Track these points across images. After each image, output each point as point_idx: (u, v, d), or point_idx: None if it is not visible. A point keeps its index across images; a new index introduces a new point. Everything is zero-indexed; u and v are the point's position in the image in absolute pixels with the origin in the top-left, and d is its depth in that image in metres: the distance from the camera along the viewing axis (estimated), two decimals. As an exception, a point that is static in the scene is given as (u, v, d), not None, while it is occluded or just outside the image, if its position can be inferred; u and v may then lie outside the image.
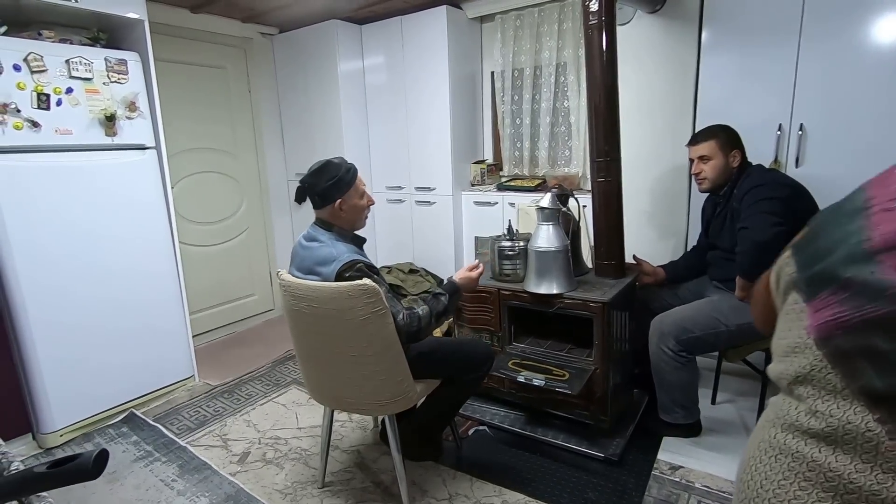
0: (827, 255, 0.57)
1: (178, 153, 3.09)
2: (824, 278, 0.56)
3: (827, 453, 0.54)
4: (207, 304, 3.34)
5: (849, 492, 0.52)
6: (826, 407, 0.55)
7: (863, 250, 0.53)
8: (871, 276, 0.51)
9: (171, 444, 2.14)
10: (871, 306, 0.50)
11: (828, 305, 0.55)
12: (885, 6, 1.88)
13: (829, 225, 0.60)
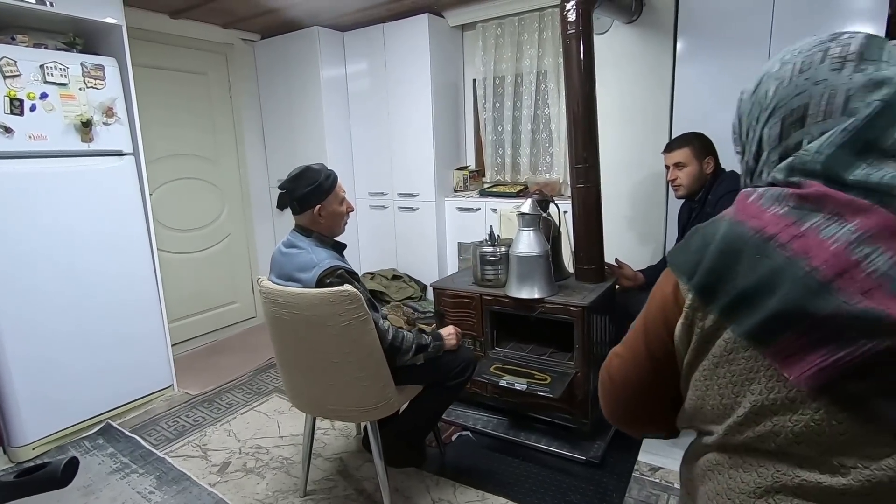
0: (763, 295, 0.51)
1: (158, 159, 3.05)
2: (783, 320, 0.49)
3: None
4: (187, 312, 3.29)
5: None
6: (852, 461, 0.47)
7: (815, 281, 0.48)
8: (848, 307, 0.46)
9: (148, 455, 2.10)
10: (864, 341, 0.46)
11: (804, 351, 0.49)
12: (850, 19, 1.96)
13: (732, 268, 0.54)
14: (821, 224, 0.50)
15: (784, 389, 0.50)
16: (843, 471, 0.48)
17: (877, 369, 0.46)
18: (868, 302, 0.46)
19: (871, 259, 0.47)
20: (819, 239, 0.49)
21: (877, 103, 0.51)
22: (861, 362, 0.46)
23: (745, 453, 0.55)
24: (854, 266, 0.47)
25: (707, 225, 0.59)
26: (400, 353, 1.57)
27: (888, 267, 0.46)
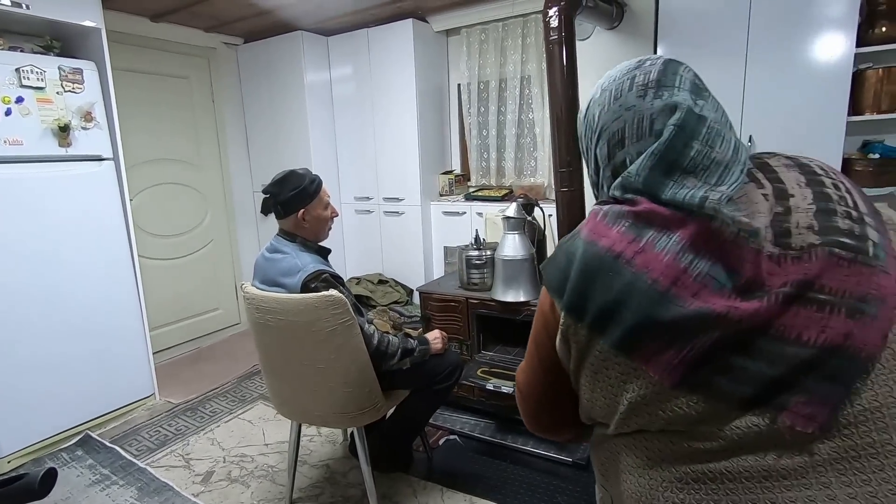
0: (619, 311, 0.58)
1: (138, 164, 3.01)
2: (639, 329, 0.57)
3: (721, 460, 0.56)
4: (169, 319, 3.24)
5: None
6: (713, 429, 0.56)
7: (657, 291, 0.56)
8: (683, 310, 0.55)
9: (129, 466, 2.05)
10: (704, 334, 0.54)
11: (659, 352, 0.56)
12: (822, 27, 2.02)
13: (591, 285, 0.60)
14: (654, 238, 0.58)
15: (651, 386, 0.58)
16: (710, 436, 0.56)
17: (712, 356, 0.55)
18: (698, 302, 0.55)
19: (694, 264, 0.56)
20: (654, 253, 0.57)
21: (671, 128, 0.60)
22: (701, 354, 0.55)
23: (638, 435, 0.63)
24: (683, 272, 0.56)
25: (567, 241, 0.66)
26: (386, 357, 1.57)
27: (708, 269, 0.56)
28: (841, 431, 0.52)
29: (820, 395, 0.52)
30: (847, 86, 2.01)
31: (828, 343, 0.52)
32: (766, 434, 0.53)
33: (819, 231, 0.55)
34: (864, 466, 0.51)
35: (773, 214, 0.57)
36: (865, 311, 0.52)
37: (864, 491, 0.51)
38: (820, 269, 0.54)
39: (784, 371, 0.53)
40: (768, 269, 0.55)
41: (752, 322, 0.53)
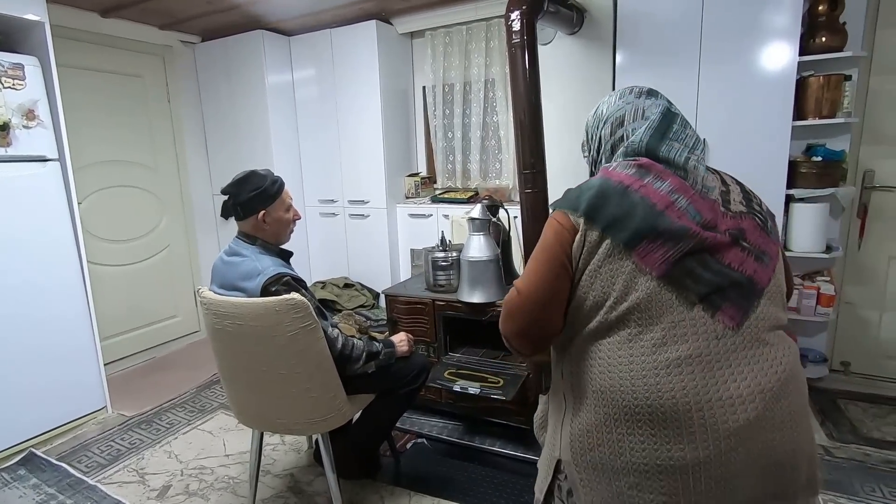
0: (628, 220, 0.81)
1: (88, 166, 2.86)
2: (641, 231, 0.80)
3: (669, 344, 0.80)
4: (123, 328, 3.09)
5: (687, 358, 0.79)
6: (672, 320, 0.80)
7: (656, 211, 0.81)
8: (673, 224, 0.80)
9: (78, 483, 1.94)
10: (684, 243, 0.80)
11: (654, 250, 0.80)
12: (768, 37, 2.12)
13: (608, 201, 0.84)
14: (652, 180, 0.85)
15: (639, 276, 0.81)
16: (673, 324, 0.80)
17: (683, 261, 0.80)
18: (681, 222, 0.81)
19: (678, 200, 0.83)
20: (653, 188, 0.84)
21: (659, 113, 0.92)
22: (679, 257, 0.80)
23: (614, 328, 0.84)
24: (672, 203, 0.82)
25: (582, 184, 0.90)
26: (350, 361, 1.54)
27: (686, 204, 0.83)
28: (746, 331, 0.80)
29: (739, 304, 0.81)
30: (791, 92, 2.12)
31: (746, 274, 0.82)
32: (709, 324, 0.80)
33: (745, 206, 0.88)
34: (757, 353, 0.80)
35: (720, 190, 0.88)
36: (764, 260, 0.85)
37: (757, 367, 0.79)
38: (747, 227, 0.85)
39: (723, 283, 0.81)
40: (719, 218, 0.84)
41: (710, 244, 0.81)
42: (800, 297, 2.35)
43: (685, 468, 0.76)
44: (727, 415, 0.75)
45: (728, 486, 0.76)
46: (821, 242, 2.27)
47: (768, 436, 0.77)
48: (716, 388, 0.77)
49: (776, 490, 0.79)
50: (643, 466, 0.79)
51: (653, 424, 0.78)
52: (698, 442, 0.76)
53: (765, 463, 0.77)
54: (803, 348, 2.51)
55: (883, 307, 2.43)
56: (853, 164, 2.38)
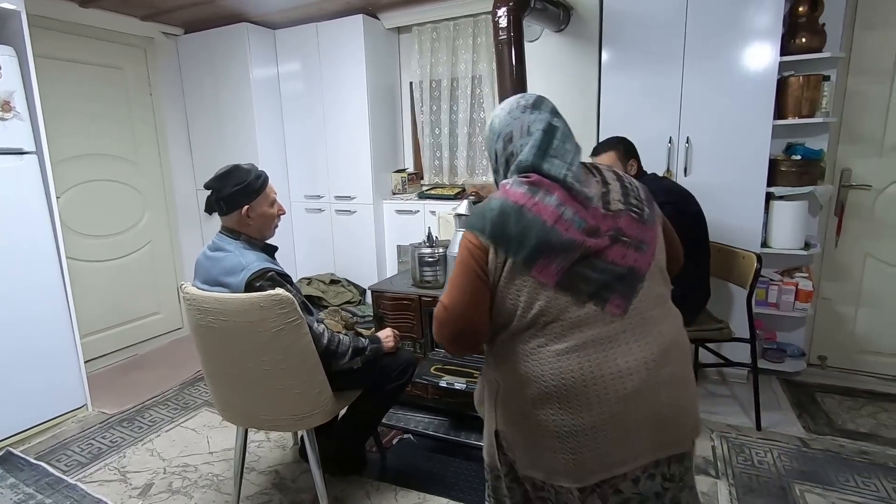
0: (525, 238, 0.93)
1: (67, 159, 2.80)
2: (537, 250, 0.92)
3: (572, 341, 0.94)
4: (103, 325, 3.04)
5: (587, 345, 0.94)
6: (571, 318, 0.94)
7: (548, 227, 0.92)
8: (561, 238, 0.92)
9: (57, 483, 1.90)
10: (572, 254, 0.93)
11: (548, 264, 0.93)
12: (750, 36, 2.15)
13: (508, 225, 0.94)
14: (542, 196, 0.95)
15: (539, 288, 0.94)
16: (571, 319, 0.94)
17: (573, 268, 0.93)
18: (568, 234, 0.92)
19: (565, 213, 0.93)
20: (544, 205, 0.94)
21: (540, 130, 1.01)
22: (568, 266, 0.93)
23: (526, 329, 0.97)
24: (560, 217, 0.93)
25: (484, 203, 1.00)
26: (336, 357, 1.54)
27: (572, 215, 0.93)
28: (632, 314, 0.95)
29: (623, 293, 0.95)
30: (772, 92, 2.15)
31: (628, 265, 0.95)
32: (599, 315, 0.94)
33: (623, 203, 0.98)
34: (642, 330, 0.95)
35: (601, 192, 0.98)
36: (643, 248, 0.97)
37: (643, 343, 0.94)
38: (624, 224, 0.97)
39: (609, 279, 0.94)
40: (601, 221, 0.95)
41: (595, 249, 0.94)
42: (779, 293, 2.40)
43: (587, 431, 0.93)
44: (617, 385, 0.92)
45: (626, 441, 0.94)
46: (799, 239, 2.32)
47: (654, 398, 0.94)
48: (607, 366, 0.92)
49: (667, 439, 0.96)
50: (556, 434, 0.95)
51: (560, 400, 0.94)
52: (594, 410, 0.92)
53: (654, 419, 0.94)
54: (783, 343, 2.57)
55: (858, 303, 2.50)
56: (831, 163, 2.44)
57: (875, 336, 2.48)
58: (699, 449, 1.96)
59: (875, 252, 2.44)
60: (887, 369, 2.48)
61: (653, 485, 0.98)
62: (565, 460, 0.95)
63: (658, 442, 0.95)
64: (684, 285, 1.97)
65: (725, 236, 2.27)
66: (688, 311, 1.98)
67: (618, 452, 0.94)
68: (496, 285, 0.97)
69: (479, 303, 0.99)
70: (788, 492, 1.71)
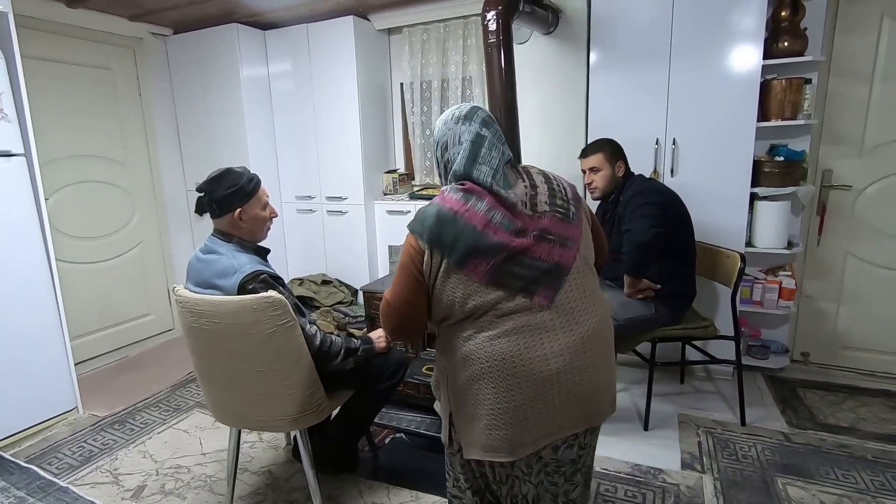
0: (457, 242, 1.04)
1: (55, 161, 2.79)
2: (468, 253, 1.04)
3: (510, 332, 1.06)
4: (94, 327, 3.02)
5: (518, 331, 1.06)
6: (502, 310, 1.06)
7: (478, 232, 1.04)
8: (488, 241, 1.04)
9: (49, 486, 1.90)
10: (499, 255, 1.04)
11: (479, 265, 1.04)
12: (735, 39, 2.20)
13: (443, 230, 1.05)
14: (474, 203, 1.06)
15: (472, 285, 1.05)
16: (504, 310, 1.05)
17: (502, 267, 1.04)
18: (497, 237, 1.04)
19: (494, 217, 1.05)
20: (475, 211, 1.05)
21: (468, 140, 1.12)
22: (498, 265, 1.04)
23: (467, 319, 1.09)
24: (489, 221, 1.05)
25: (424, 208, 1.10)
26: (328, 357, 1.55)
27: (501, 219, 1.05)
28: (558, 304, 1.06)
29: (550, 286, 1.06)
30: (756, 94, 2.20)
31: (553, 261, 1.07)
32: (528, 306, 1.05)
33: (549, 204, 1.10)
34: (567, 319, 1.07)
35: (528, 195, 1.09)
36: (568, 244, 1.09)
37: (567, 330, 1.06)
38: (549, 222, 1.08)
39: (535, 274, 1.06)
40: (527, 222, 1.07)
41: (521, 249, 1.05)
42: (763, 291, 2.46)
43: (517, 408, 1.05)
44: (542, 367, 1.04)
45: (551, 416, 1.07)
46: (783, 239, 2.37)
47: (575, 378, 1.07)
48: (534, 349, 1.05)
49: (586, 414, 1.10)
50: (491, 412, 1.07)
51: (493, 379, 1.06)
52: (523, 388, 1.05)
53: (575, 397, 1.07)
54: (767, 340, 2.63)
55: (839, 300, 2.56)
56: (813, 164, 2.49)
57: (855, 332, 2.55)
58: (685, 445, 2.01)
59: (855, 251, 2.50)
60: (867, 364, 2.55)
61: (570, 453, 1.14)
62: (500, 436, 1.07)
63: (578, 418, 1.09)
64: (671, 284, 2.02)
65: (711, 236, 2.31)
66: (674, 310, 2.05)
67: (544, 426, 1.07)
68: (433, 284, 1.09)
69: (415, 300, 1.12)
70: (771, 485, 1.76)
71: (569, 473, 1.15)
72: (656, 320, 2.02)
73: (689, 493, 1.73)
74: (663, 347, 2.12)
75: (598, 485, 1.79)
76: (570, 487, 1.17)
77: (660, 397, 2.37)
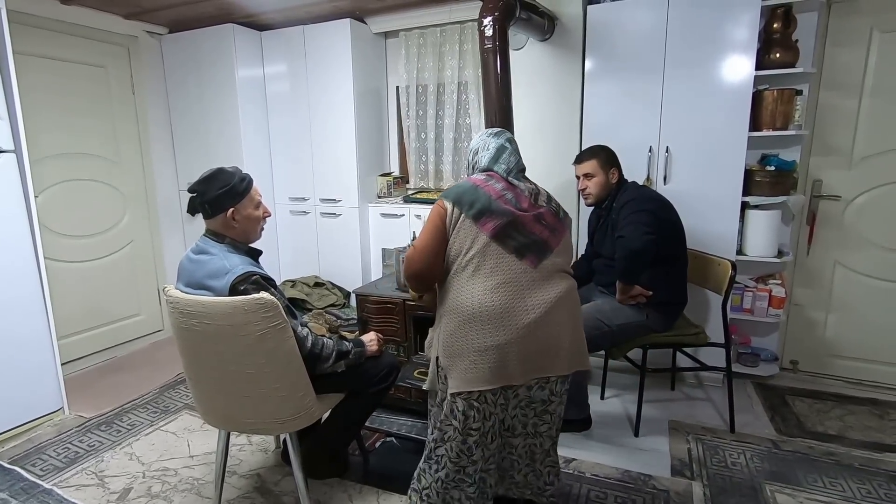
0: (476, 203, 1.35)
1: (46, 158, 2.76)
2: (483, 211, 1.34)
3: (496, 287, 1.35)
4: (82, 326, 2.99)
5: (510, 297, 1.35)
6: (497, 262, 1.34)
7: (492, 199, 1.36)
8: (500, 206, 1.36)
9: (32, 487, 1.87)
10: (506, 218, 1.35)
11: (488, 222, 1.34)
12: (728, 49, 2.22)
13: (466, 194, 1.37)
14: (493, 183, 1.41)
15: (481, 237, 1.34)
16: (500, 264, 1.34)
17: (505, 228, 1.35)
18: (505, 206, 1.37)
19: (505, 194, 1.39)
20: (493, 187, 1.39)
21: (494, 147, 1.50)
22: (502, 226, 1.35)
23: (465, 268, 1.36)
24: (502, 196, 1.39)
25: (457, 183, 1.48)
26: (320, 360, 1.54)
27: (511, 197, 1.39)
28: (540, 269, 1.36)
29: (537, 254, 1.37)
30: (748, 104, 2.23)
31: (543, 238, 1.39)
32: (518, 265, 1.35)
33: (546, 203, 1.44)
34: (546, 282, 1.36)
35: (533, 191, 1.44)
36: (555, 233, 1.41)
37: (545, 290, 1.35)
38: (545, 213, 1.41)
39: (528, 242, 1.37)
40: (529, 206, 1.40)
41: (522, 220, 1.37)
42: (753, 299, 2.48)
43: (500, 346, 1.31)
44: (522, 316, 1.32)
45: (527, 357, 1.33)
46: (773, 247, 2.40)
47: (545, 330, 1.34)
48: (518, 301, 1.32)
49: (549, 361, 1.37)
50: (478, 347, 1.32)
51: (482, 323, 1.32)
52: (506, 331, 1.31)
53: (542, 345, 1.34)
54: (757, 348, 2.65)
55: (828, 309, 2.59)
56: (803, 174, 2.52)
57: (844, 341, 2.58)
58: (675, 451, 2.02)
59: (844, 260, 2.53)
60: (855, 373, 2.57)
61: (541, 393, 1.41)
62: (482, 369, 1.31)
63: (546, 364, 1.36)
64: (663, 291, 2.03)
65: (703, 243, 2.33)
66: (666, 316, 2.06)
67: (518, 366, 1.33)
68: (451, 233, 1.38)
69: (438, 247, 1.40)
70: (759, 492, 1.77)
71: (538, 410, 1.42)
72: (648, 327, 2.03)
73: (678, 500, 1.74)
74: (654, 354, 2.13)
75: (588, 490, 1.79)
76: (538, 422, 1.44)
77: (650, 404, 2.38)
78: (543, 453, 1.48)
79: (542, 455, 1.48)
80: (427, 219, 1.42)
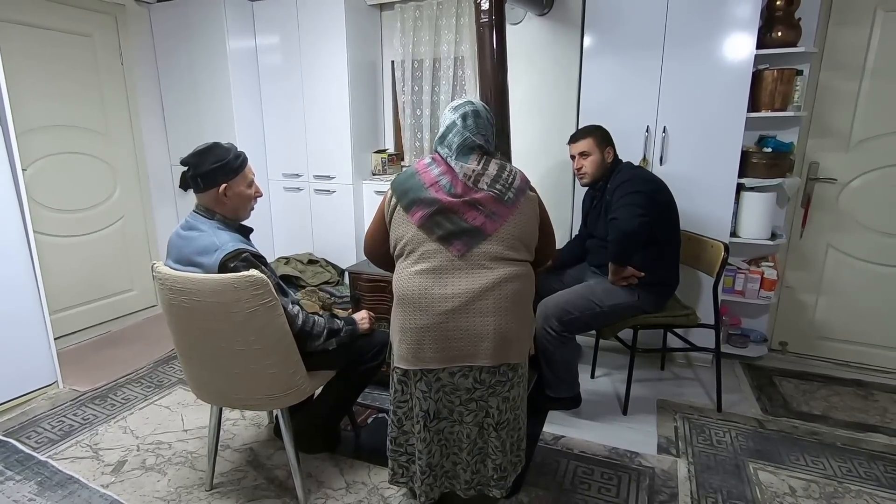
0: (410, 193, 1.37)
1: (32, 130, 2.71)
2: (413, 201, 1.36)
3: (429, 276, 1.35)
4: (75, 301, 2.98)
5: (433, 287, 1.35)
6: (424, 250, 1.35)
7: (424, 188, 1.36)
8: (428, 195, 1.35)
9: (27, 459, 1.89)
10: (433, 207, 1.34)
11: (417, 211, 1.35)
12: (729, 26, 2.18)
13: (404, 183, 1.40)
14: (433, 168, 1.41)
15: (410, 227, 1.37)
16: (426, 251, 1.36)
17: (434, 216, 1.34)
18: (437, 195, 1.35)
19: (441, 180, 1.37)
20: (430, 173, 1.40)
21: (444, 126, 1.45)
22: (429, 215, 1.34)
23: (400, 255, 1.41)
24: (436, 182, 1.37)
25: (405, 170, 1.46)
26: (311, 338, 1.55)
27: (446, 182, 1.37)
28: (468, 258, 1.33)
29: (465, 242, 1.34)
30: (747, 84, 2.19)
31: (476, 225, 1.34)
32: (443, 252, 1.34)
33: (489, 185, 1.37)
34: (471, 271, 1.33)
35: (475, 173, 1.37)
36: (494, 217, 1.35)
37: (469, 279, 1.33)
38: (483, 197, 1.35)
39: (456, 230, 1.34)
40: (465, 191, 1.36)
41: (451, 207, 1.34)
42: (745, 281, 2.49)
43: (416, 329, 1.35)
44: (441, 302, 1.33)
45: (446, 342, 1.34)
46: (767, 230, 2.40)
47: (466, 319, 1.33)
48: (439, 288, 1.33)
49: (471, 350, 1.34)
50: (402, 328, 1.37)
51: (404, 305, 1.37)
52: (423, 316, 1.34)
53: (461, 333, 1.33)
54: (747, 329, 2.68)
55: (819, 291, 2.61)
56: (800, 156, 2.51)
57: (832, 323, 2.60)
58: (662, 429, 2.05)
59: (836, 243, 2.54)
60: (842, 354, 2.61)
61: (465, 381, 1.38)
62: (406, 349, 1.37)
63: (466, 353, 1.35)
64: (656, 273, 2.03)
65: (697, 225, 2.33)
66: (657, 297, 2.07)
67: (435, 353, 1.35)
68: (389, 222, 1.44)
69: (379, 234, 1.49)
70: (742, 469, 1.81)
71: (464, 399, 1.40)
72: (639, 307, 2.04)
73: (663, 476, 1.77)
74: (645, 334, 2.15)
75: (576, 467, 1.83)
76: (464, 410, 1.41)
77: (640, 383, 2.41)
78: (471, 443, 1.43)
79: (470, 445, 1.43)
80: (378, 208, 1.50)
